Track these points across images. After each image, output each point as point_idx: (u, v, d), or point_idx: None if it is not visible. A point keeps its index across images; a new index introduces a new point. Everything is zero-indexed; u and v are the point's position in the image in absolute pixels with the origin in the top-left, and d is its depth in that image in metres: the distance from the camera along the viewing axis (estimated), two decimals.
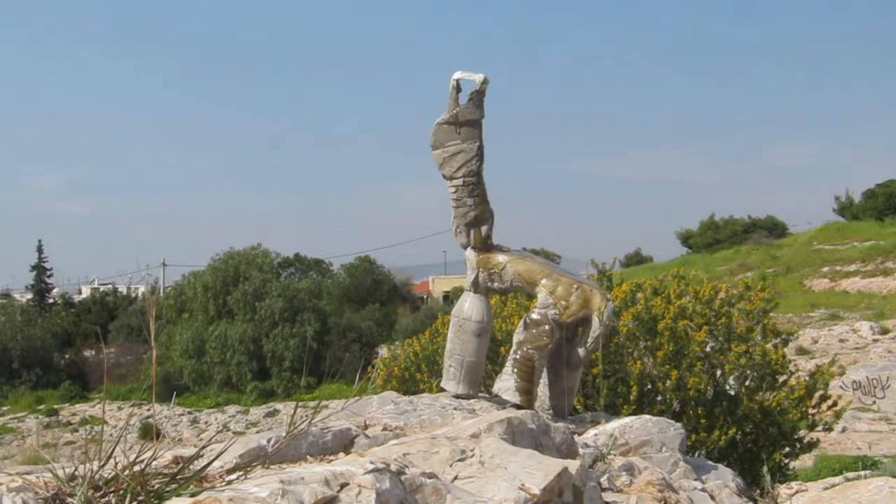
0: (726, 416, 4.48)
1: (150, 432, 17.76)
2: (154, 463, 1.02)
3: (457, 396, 3.09)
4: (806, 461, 7.78)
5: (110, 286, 42.21)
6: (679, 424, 3.04)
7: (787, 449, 4.89)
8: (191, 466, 1.05)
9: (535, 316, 2.99)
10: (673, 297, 4.82)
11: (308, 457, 1.46)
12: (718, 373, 4.69)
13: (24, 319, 29.90)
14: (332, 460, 1.42)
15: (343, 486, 0.97)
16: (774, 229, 37.49)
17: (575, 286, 2.94)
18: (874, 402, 12.40)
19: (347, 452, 1.56)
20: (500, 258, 3.11)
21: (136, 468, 0.96)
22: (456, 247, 3.23)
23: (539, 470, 1.23)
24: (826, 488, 5.08)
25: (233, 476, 1.12)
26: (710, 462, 3.28)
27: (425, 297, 42.05)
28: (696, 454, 4.07)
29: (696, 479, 2.55)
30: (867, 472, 6.61)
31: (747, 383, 4.79)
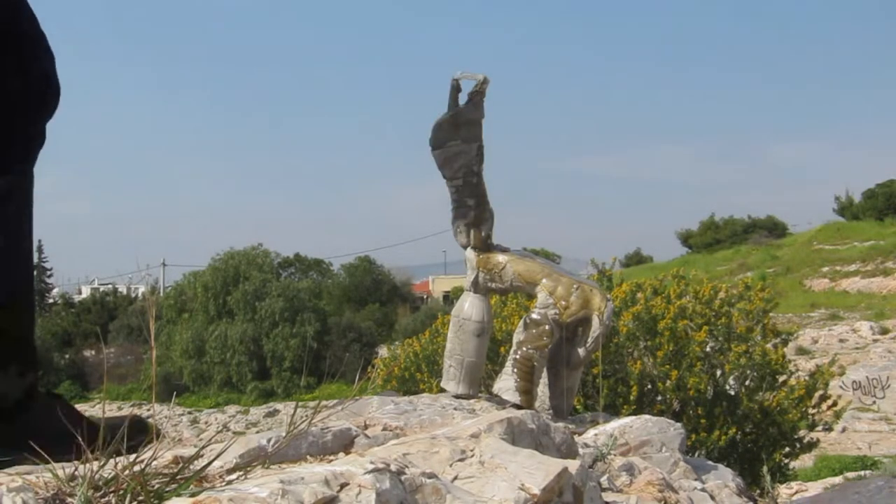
0: (726, 416, 4.48)
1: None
2: (154, 463, 1.02)
3: (457, 396, 3.09)
4: (806, 461, 7.78)
5: (110, 286, 42.17)
6: (679, 424, 3.04)
7: (787, 449, 4.89)
8: (191, 466, 1.05)
9: (535, 316, 2.99)
10: (673, 297, 4.81)
11: (308, 457, 1.46)
12: (718, 373, 4.69)
13: None
14: (332, 460, 1.42)
15: (343, 486, 0.97)
16: (774, 229, 37.49)
17: (575, 286, 2.95)
18: (874, 402, 12.40)
19: (347, 452, 1.56)
20: (500, 258, 3.11)
21: (136, 468, 0.96)
22: (456, 247, 3.23)
23: (539, 470, 1.23)
24: (826, 488, 5.09)
25: (233, 476, 1.12)
26: (710, 462, 3.27)
27: (425, 297, 42.05)
28: (696, 454, 4.07)
29: (696, 479, 2.54)
30: (867, 472, 6.61)
31: (747, 383, 4.79)
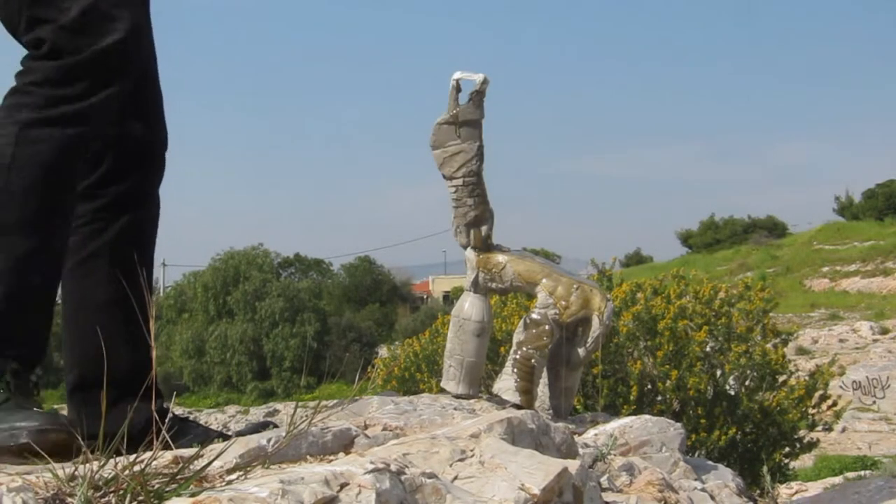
0: (726, 416, 4.48)
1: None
2: (154, 463, 1.02)
3: (457, 396, 3.09)
4: (806, 461, 7.77)
5: None
6: (679, 424, 3.04)
7: (787, 449, 4.89)
8: (191, 466, 1.05)
9: (535, 316, 2.99)
10: (673, 297, 4.81)
11: (308, 457, 1.46)
12: (718, 373, 4.69)
13: None
14: (332, 460, 1.41)
15: (343, 486, 0.97)
16: (774, 229, 37.49)
17: (575, 286, 2.95)
18: (874, 402, 12.39)
19: (347, 452, 1.56)
20: (500, 258, 3.11)
21: (136, 468, 0.96)
22: (456, 247, 3.23)
23: (539, 470, 1.23)
24: (826, 488, 5.09)
25: (233, 476, 1.11)
26: (710, 462, 3.27)
27: (425, 297, 42.05)
28: (696, 454, 4.06)
29: (696, 479, 2.54)
30: (867, 472, 6.61)
31: (747, 383, 4.79)
